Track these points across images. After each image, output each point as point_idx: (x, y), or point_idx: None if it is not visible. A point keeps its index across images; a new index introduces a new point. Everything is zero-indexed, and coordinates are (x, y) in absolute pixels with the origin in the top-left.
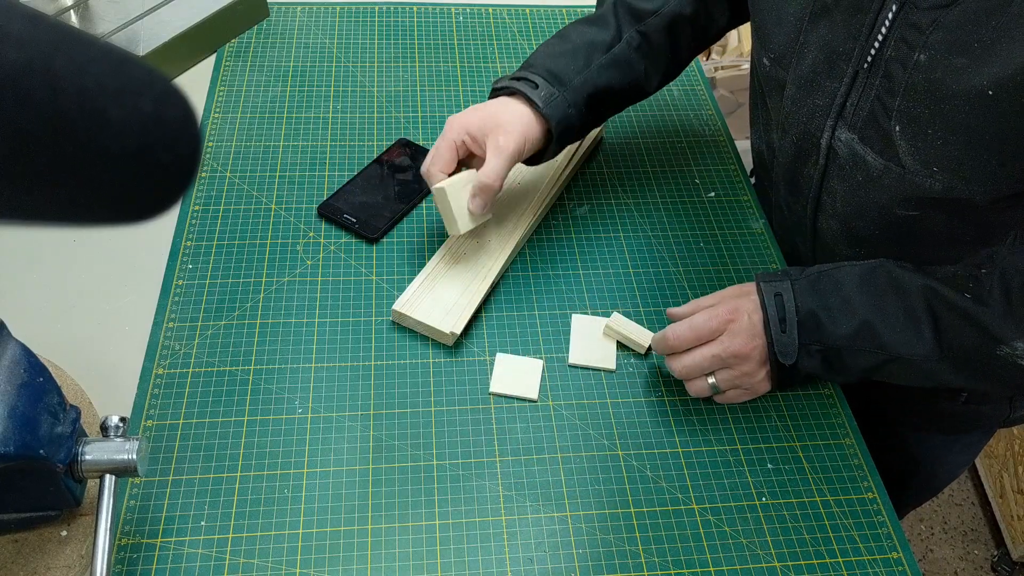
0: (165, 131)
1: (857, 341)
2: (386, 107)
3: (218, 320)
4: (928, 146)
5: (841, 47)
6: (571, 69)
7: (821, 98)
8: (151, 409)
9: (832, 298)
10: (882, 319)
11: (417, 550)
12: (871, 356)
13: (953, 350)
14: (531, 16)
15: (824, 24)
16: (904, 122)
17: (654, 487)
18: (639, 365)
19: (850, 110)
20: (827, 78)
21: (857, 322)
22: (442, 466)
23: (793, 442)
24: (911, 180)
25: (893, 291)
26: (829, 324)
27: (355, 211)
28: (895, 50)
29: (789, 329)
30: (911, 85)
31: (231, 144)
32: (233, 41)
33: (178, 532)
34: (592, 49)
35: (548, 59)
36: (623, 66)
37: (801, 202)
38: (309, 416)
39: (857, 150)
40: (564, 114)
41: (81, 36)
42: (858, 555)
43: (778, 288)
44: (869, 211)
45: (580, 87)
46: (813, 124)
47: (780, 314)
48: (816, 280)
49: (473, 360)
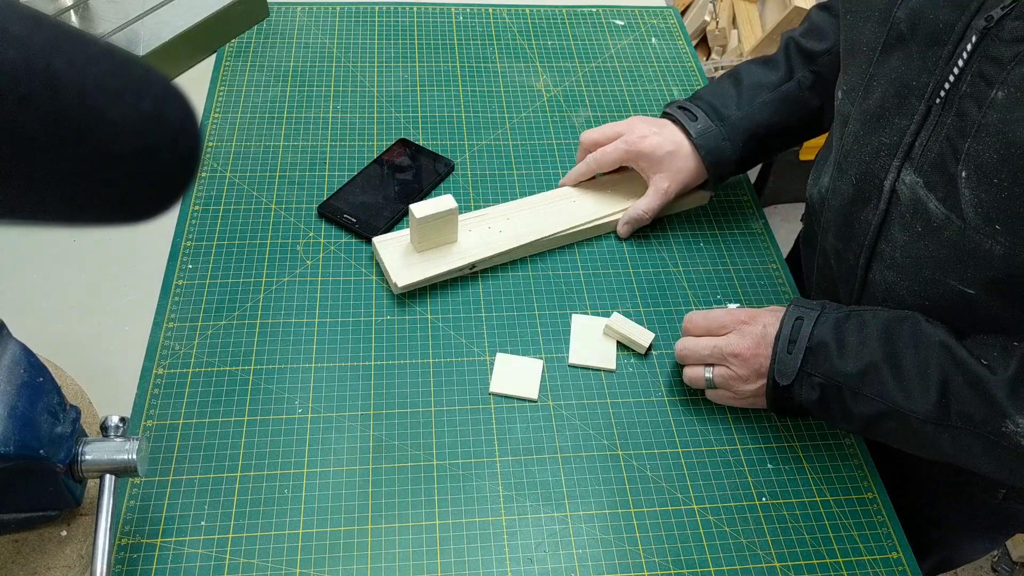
0: (165, 131)
1: (860, 383)
2: (386, 107)
3: (218, 320)
4: (992, 197)
5: (914, 81)
6: (732, 104)
7: (888, 136)
8: (151, 409)
9: (851, 336)
10: (891, 367)
11: (417, 550)
12: (871, 403)
13: (958, 417)
14: (531, 16)
15: (897, 56)
16: (971, 167)
17: (654, 487)
18: (639, 365)
19: (918, 151)
20: (896, 114)
21: (864, 363)
22: (442, 466)
23: (793, 442)
24: (971, 237)
25: (912, 343)
26: (837, 358)
27: (355, 211)
28: (971, 86)
29: (796, 351)
30: (984, 125)
31: (231, 144)
32: (233, 41)
33: (178, 532)
34: (759, 88)
35: (713, 95)
36: (792, 104)
37: (854, 249)
38: (309, 416)
39: (920, 195)
40: (717, 147)
41: (81, 36)
42: (858, 555)
43: (803, 313)
44: (926, 270)
45: (738, 122)
46: (877, 164)
47: (793, 335)
48: (844, 317)
49: (473, 360)
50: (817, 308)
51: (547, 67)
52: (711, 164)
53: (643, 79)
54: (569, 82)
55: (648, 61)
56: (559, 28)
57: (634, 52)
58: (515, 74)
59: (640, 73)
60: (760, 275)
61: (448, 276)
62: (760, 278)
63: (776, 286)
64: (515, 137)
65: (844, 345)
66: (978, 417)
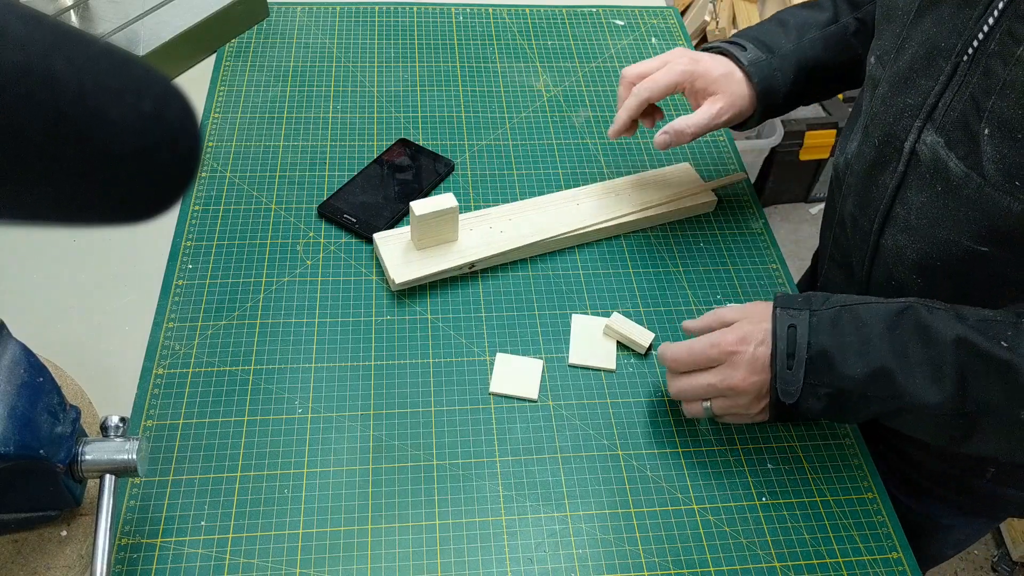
0: (165, 131)
1: (870, 387)
2: (386, 107)
3: (218, 320)
4: (1015, 153)
5: (944, 42)
6: (782, 39)
7: (913, 97)
8: (151, 409)
9: (850, 336)
10: (902, 367)
11: (417, 550)
12: (883, 403)
13: (976, 406)
14: (531, 16)
15: (930, 18)
16: (995, 124)
17: (654, 487)
18: (639, 365)
19: (941, 110)
20: (923, 76)
21: (873, 366)
22: (442, 466)
23: (793, 442)
24: (990, 195)
25: (920, 338)
26: (841, 365)
27: (355, 211)
28: (999, 44)
29: (796, 367)
30: (1009, 82)
31: (231, 144)
32: (233, 41)
33: (178, 532)
34: (806, 26)
35: (760, 31)
36: (838, 45)
37: (869, 215)
38: (309, 416)
39: (941, 155)
40: (769, 75)
41: (81, 36)
42: (858, 555)
43: (794, 318)
44: (940, 230)
45: (789, 55)
46: (900, 125)
47: (790, 348)
48: (837, 315)
49: (473, 360)
50: (804, 308)
51: (547, 67)
52: (762, 92)
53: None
54: (569, 82)
55: None
56: (559, 28)
57: (634, 52)
58: (515, 74)
59: None
60: (760, 275)
61: (447, 275)
62: (760, 278)
63: (776, 286)
64: (515, 137)
65: (845, 349)
66: (998, 403)
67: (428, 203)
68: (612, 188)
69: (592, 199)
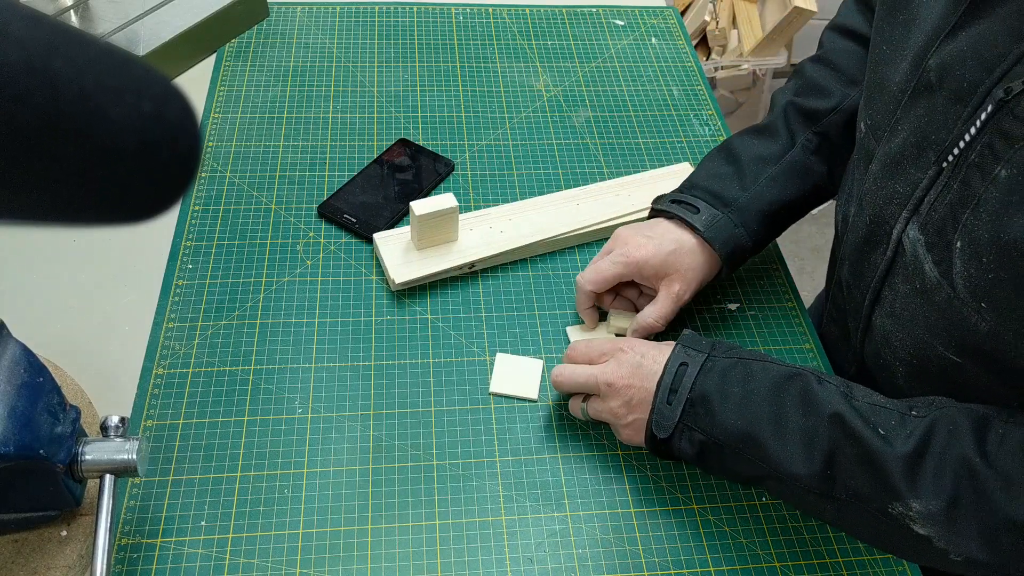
0: (165, 131)
1: (741, 443)
2: (386, 107)
3: (218, 320)
4: (980, 275)
5: (933, 135)
6: (736, 187)
7: (902, 185)
8: (151, 409)
9: (735, 387)
10: (774, 430)
11: (417, 550)
12: (752, 464)
13: (843, 490)
14: (531, 16)
15: (923, 104)
16: (965, 240)
17: (654, 487)
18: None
19: (925, 208)
20: (913, 165)
21: (747, 423)
22: (442, 466)
23: None
24: (959, 309)
25: (801, 407)
26: (719, 414)
27: (355, 211)
28: (979, 156)
29: (675, 403)
30: (983, 201)
31: (231, 144)
32: (233, 41)
33: (178, 532)
34: (761, 162)
35: (710, 179)
36: (798, 174)
37: (861, 289)
38: (309, 416)
39: (920, 254)
40: (730, 235)
41: (81, 36)
42: (858, 555)
43: (689, 357)
44: (918, 330)
45: (748, 204)
46: (888, 211)
47: (675, 384)
48: (731, 366)
49: (473, 360)
50: (704, 351)
51: (547, 67)
52: (728, 255)
53: (643, 79)
54: (569, 82)
55: (648, 61)
56: (559, 28)
57: (634, 52)
58: (515, 74)
59: (640, 73)
60: (760, 276)
61: (447, 275)
62: (760, 279)
63: (776, 287)
64: (515, 137)
65: (727, 399)
66: (865, 493)
67: (428, 203)
68: (612, 188)
69: (592, 199)
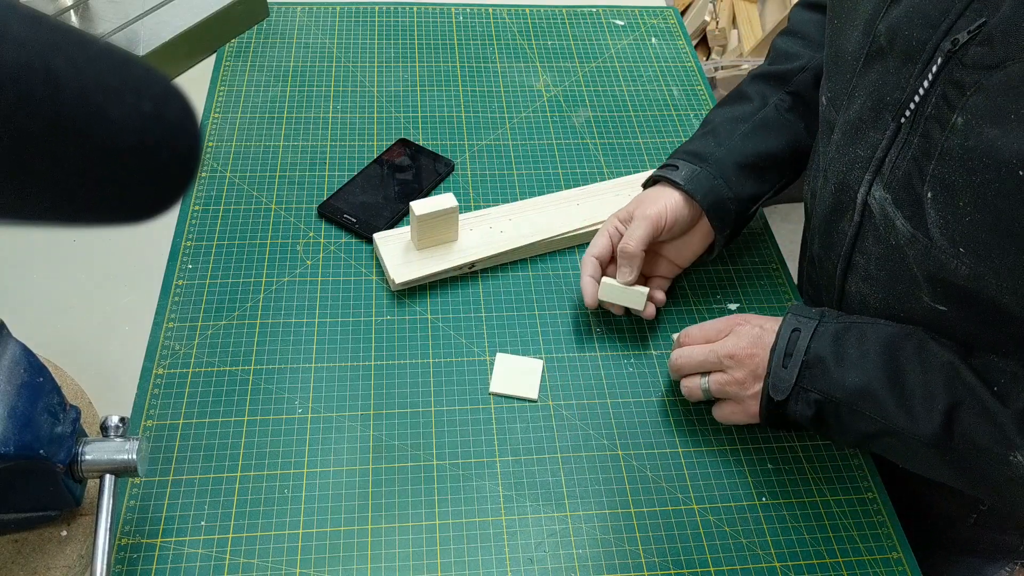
0: (165, 131)
1: (859, 401)
2: (386, 107)
3: (218, 320)
4: (957, 220)
5: (888, 96)
6: (711, 145)
7: (863, 149)
8: (151, 409)
9: (851, 349)
10: (892, 387)
11: (417, 550)
12: (869, 421)
13: (962, 441)
14: (531, 16)
15: (876, 68)
16: (936, 189)
17: (654, 487)
18: (639, 365)
19: (888, 167)
20: (871, 128)
21: (864, 381)
22: (442, 466)
23: (793, 442)
24: (937, 256)
25: (918, 362)
26: (836, 373)
27: (355, 211)
28: (935, 108)
29: (791, 365)
30: (947, 149)
31: (231, 144)
32: (233, 41)
33: (178, 532)
34: (733, 122)
35: (689, 144)
36: (775, 129)
37: (832, 259)
38: (309, 416)
39: (889, 212)
40: (711, 186)
41: (81, 36)
42: (858, 555)
43: (801, 323)
44: (900, 284)
45: (724, 158)
46: (852, 176)
47: (789, 348)
48: (844, 329)
49: (473, 360)
50: (815, 317)
51: (547, 67)
52: (711, 207)
53: (643, 79)
54: (569, 82)
55: (648, 61)
56: (559, 28)
57: (634, 52)
58: (515, 74)
59: (640, 73)
60: (760, 275)
61: (447, 275)
62: (760, 278)
63: (776, 286)
64: (515, 137)
65: (843, 360)
66: (984, 443)
67: (428, 203)
68: (612, 188)
69: (592, 199)
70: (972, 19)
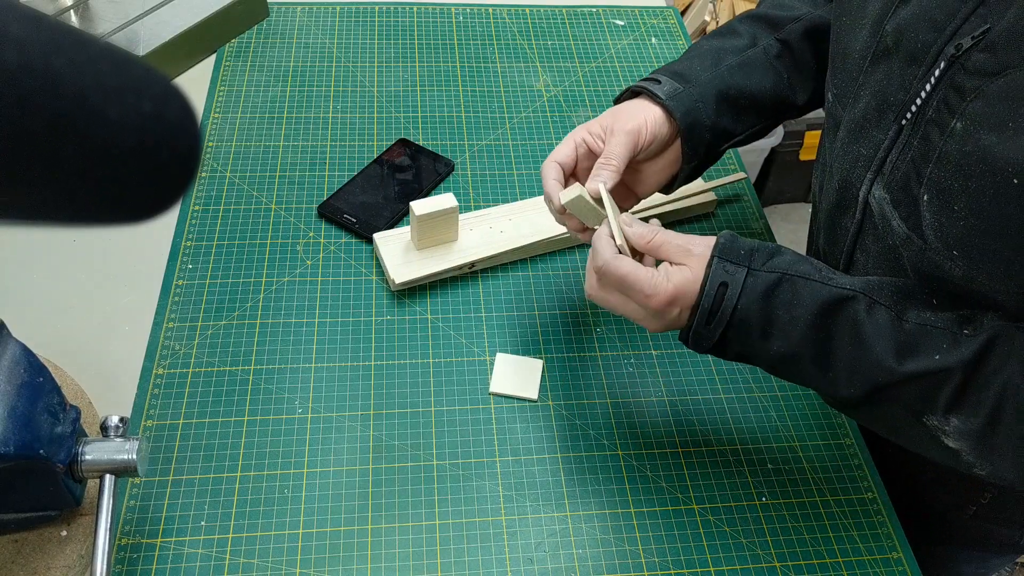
0: (165, 131)
1: (782, 364)
2: (386, 107)
3: (218, 320)
4: (952, 224)
5: (892, 97)
6: (698, 68)
7: (866, 147)
8: (151, 409)
9: (780, 311)
10: (819, 359)
11: (417, 550)
12: (791, 376)
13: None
14: (531, 16)
15: (882, 68)
16: (933, 192)
17: (654, 487)
18: (639, 365)
19: (888, 167)
20: (875, 127)
21: (791, 349)
22: (442, 466)
23: (793, 442)
24: (931, 258)
25: (850, 339)
26: (761, 341)
27: (355, 211)
28: (936, 111)
29: (715, 325)
30: (944, 154)
31: (231, 144)
32: (233, 41)
33: (178, 532)
34: (722, 52)
35: (673, 64)
36: (760, 70)
37: (836, 255)
38: (309, 416)
39: (887, 212)
40: (691, 107)
41: (81, 36)
42: (858, 555)
43: (729, 275)
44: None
45: (708, 83)
46: (854, 174)
47: (714, 307)
48: (775, 284)
49: (473, 360)
50: (744, 264)
51: (547, 67)
52: (687, 128)
53: None
54: (569, 82)
55: (648, 61)
56: (559, 28)
57: (634, 52)
58: (515, 74)
59: (640, 73)
60: None
61: (447, 275)
62: None
63: None
64: (515, 137)
65: (771, 325)
66: (906, 402)
67: (428, 203)
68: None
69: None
70: (977, 24)
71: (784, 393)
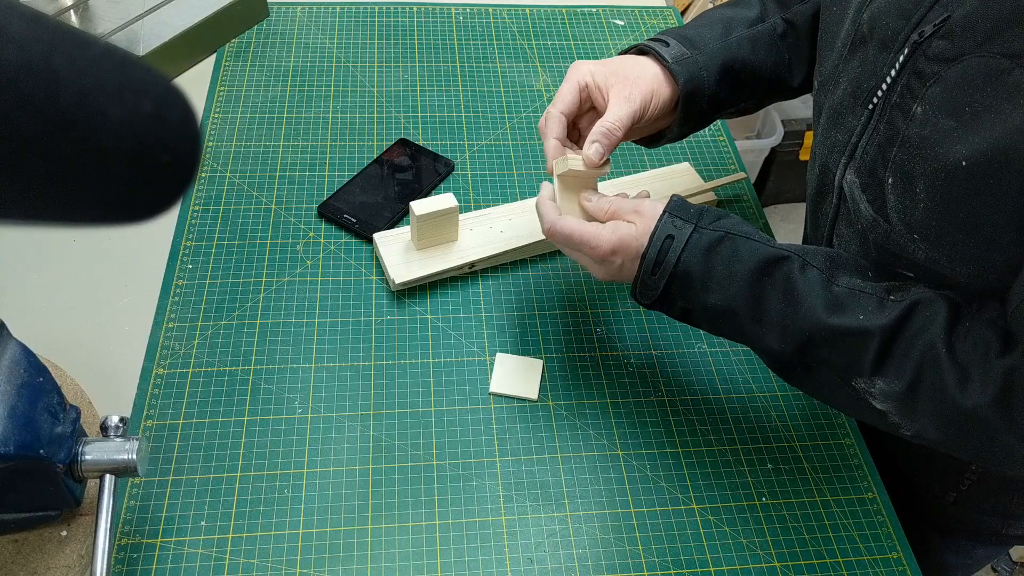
0: (165, 131)
1: (719, 317)
2: (386, 107)
3: (218, 320)
4: (914, 207)
5: (865, 83)
6: (707, 36)
7: (842, 133)
8: (151, 409)
9: (719, 267)
10: (753, 313)
11: (417, 550)
12: (731, 334)
13: (815, 360)
14: (531, 16)
15: (859, 56)
16: (897, 176)
17: (654, 487)
18: (639, 365)
19: (860, 152)
20: (849, 114)
21: (727, 302)
22: (442, 466)
23: (793, 442)
24: (896, 240)
25: (782, 294)
26: (700, 291)
27: (355, 211)
28: (900, 96)
29: (660, 276)
30: (907, 137)
31: (231, 144)
32: (233, 41)
33: (178, 532)
34: (733, 22)
35: (683, 28)
36: (766, 47)
37: (818, 240)
38: (309, 416)
39: (856, 195)
40: (694, 74)
41: (81, 36)
42: (858, 555)
43: (676, 229)
44: None
45: (715, 53)
46: (832, 159)
47: (660, 258)
48: (717, 242)
49: (473, 360)
50: (691, 221)
51: (547, 67)
52: (687, 95)
53: None
54: None
55: None
56: (559, 28)
57: None
58: (515, 74)
59: None
60: None
61: (447, 274)
62: None
63: None
64: (515, 137)
65: (710, 277)
66: (836, 364)
67: (428, 203)
68: (612, 188)
69: None
70: (940, 13)
71: (784, 393)
